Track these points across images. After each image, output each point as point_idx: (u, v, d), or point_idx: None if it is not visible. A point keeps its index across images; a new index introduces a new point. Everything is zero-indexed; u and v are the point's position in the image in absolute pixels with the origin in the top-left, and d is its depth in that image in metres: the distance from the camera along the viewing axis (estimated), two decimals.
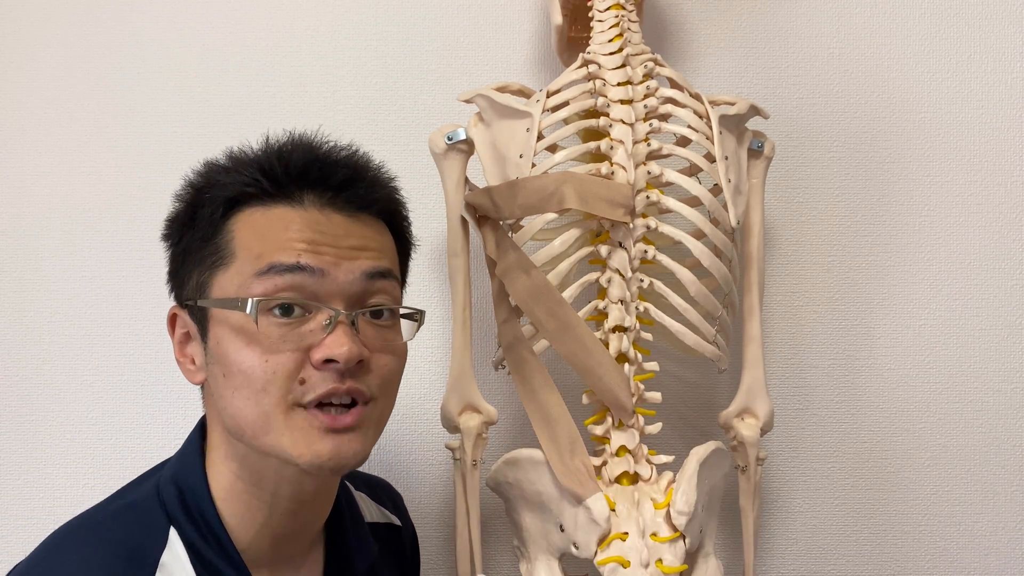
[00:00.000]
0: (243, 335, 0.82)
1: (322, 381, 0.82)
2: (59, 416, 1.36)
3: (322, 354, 0.82)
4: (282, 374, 0.82)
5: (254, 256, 0.84)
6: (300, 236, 0.84)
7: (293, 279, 0.83)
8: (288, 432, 0.82)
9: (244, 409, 0.83)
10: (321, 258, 0.84)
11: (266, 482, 0.87)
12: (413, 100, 1.38)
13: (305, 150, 0.89)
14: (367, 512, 1.08)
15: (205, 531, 0.85)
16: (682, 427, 1.36)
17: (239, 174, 0.87)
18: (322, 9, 1.39)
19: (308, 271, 0.83)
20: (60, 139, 1.37)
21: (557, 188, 1.06)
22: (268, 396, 0.82)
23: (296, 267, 0.83)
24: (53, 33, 1.38)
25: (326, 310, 0.83)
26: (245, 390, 0.82)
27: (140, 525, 0.84)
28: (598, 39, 1.16)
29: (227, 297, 0.84)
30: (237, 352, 0.83)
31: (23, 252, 1.37)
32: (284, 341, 0.82)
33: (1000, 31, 1.40)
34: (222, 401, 0.85)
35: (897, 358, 1.38)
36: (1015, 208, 1.39)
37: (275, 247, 0.83)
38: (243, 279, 0.83)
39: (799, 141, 1.39)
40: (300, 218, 0.85)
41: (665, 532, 1.02)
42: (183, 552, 0.83)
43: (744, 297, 1.22)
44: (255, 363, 0.82)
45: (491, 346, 1.30)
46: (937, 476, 1.38)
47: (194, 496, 0.86)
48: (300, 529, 0.92)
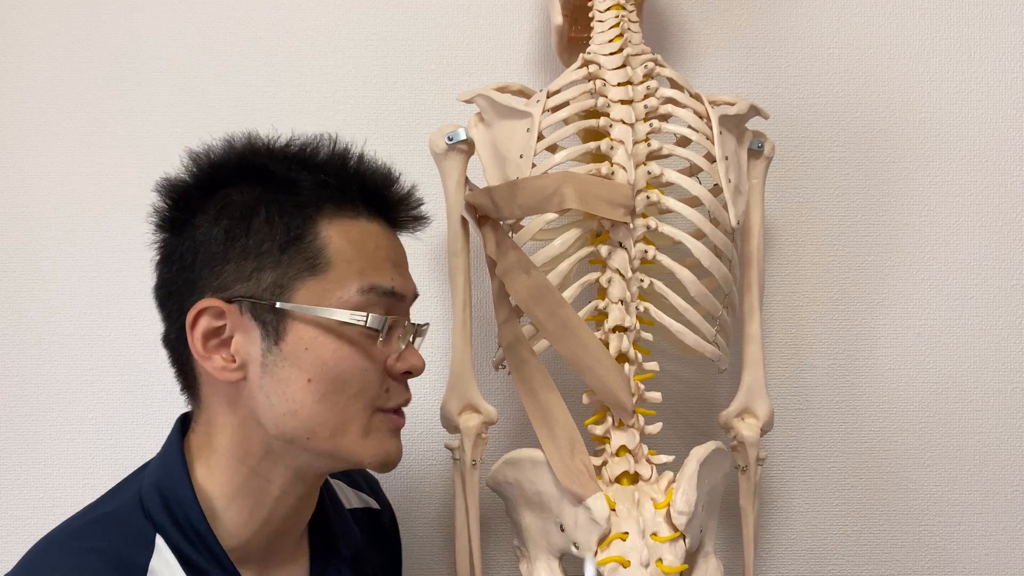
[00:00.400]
0: (344, 343, 0.87)
1: (402, 391, 0.92)
2: (59, 416, 1.36)
3: (405, 366, 0.91)
4: (376, 382, 0.89)
5: (355, 271, 0.88)
6: (388, 257, 0.91)
7: (387, 301, 0.90)
8: (364, 434, 0.89)
9: (325, 413, 0.86)
10: (404, 283, 0.92)
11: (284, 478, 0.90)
12: (413, 100, 1.38)
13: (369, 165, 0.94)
14: (346, 499, 1.09)
15: (192, 536, 0.85)
16: (682, 427, 1.36)
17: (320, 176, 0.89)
18: (322, 9, 1.39)
19: (397, 296, 0.91)
20: (60, 139, 1.38)
21: (557, 188, 1.06)
22: (359, 401, 0.88)
23: (392, 292, 0.90)
24: (53, 33, 1.38)
25: (409, 327, 0.92)
26: (335, 396, 0.86)
27: (125, 533, 0.85)
28: (598, 39, 1.16)
29: (332, 306, 0.86)
30: (338, 360, 0.86)
31: (23, 252, 1.37)
32: (374, 350, 0.89)
33: (1000, 31, 1.40)
34: (289, 404, 0.86)
35: (897, 358, 1.38)
36: (1015, 208, 1.39)
37: (372, 266, 0.89)
38: (345, 293, 0.87)
39: (799, 141, 1.39)
40: (382, 236, 0.92)
41: (665, 532, 1.02)
42: (172, 557, 0.84)
43: (744, 297, 1.22)
44: (354, 372, 0.87)
45: (491, 346, 1.30)
46: (937, 476, 1.38)
47: (179, 503, 0.86)
48: (294, 525, 0.95)
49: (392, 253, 0.93)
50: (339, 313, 0.86)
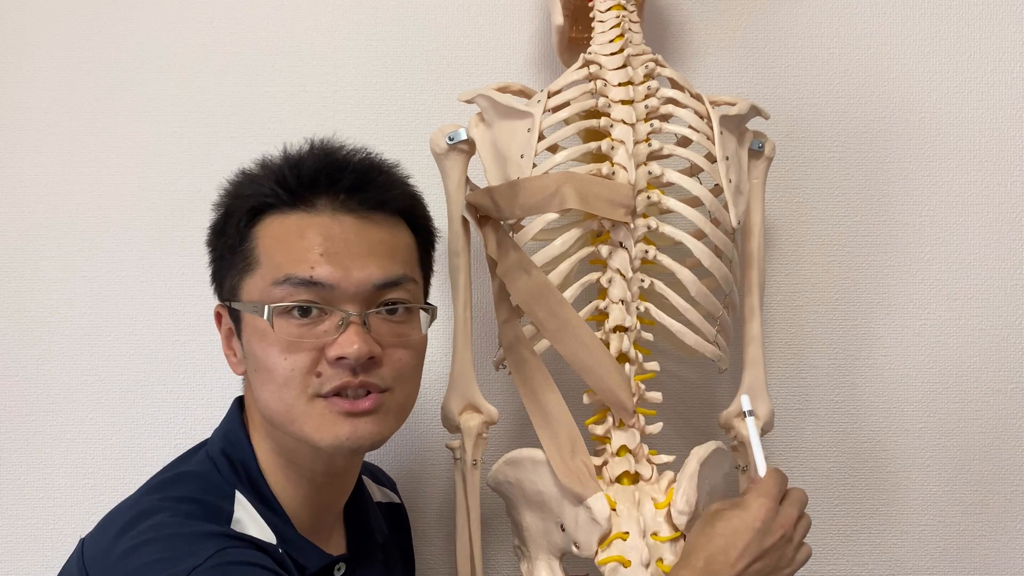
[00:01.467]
0: (266, 336, 0.90)
1: (336, 375, 0.90)
2: (59, 416, 1.36)
3: (334, 352, 0.89)
4: (300, 370, 0.90)
5: (274, 265, 0.91)
6: (313, 246, 0.91)
7: (308, 289, 0.90)
8: (310, 420, 0.90)
9: (271, 402, 0.92)
10: (332, 271, 0.90)
11: (302, 459, 0.95)
12: (413, 100, 1.38)
13: (318, 157, 0.96)
14: (373, 494, 1.15)
15: (259, 498, 0.93)
16: (682, 427, 1.36)
17: (259, 184, 0.95)
18: (322, 9, 1.39)
19: (318, 285, 0.90)
20: (60, 139, 1.37)
21: (558, 188, 1.06)
22: (289, 390, 0.90)
23: (309, 281, 0.90)
24: (53, 33, 1.38)
25: (338, 312, 0.90)
26: (270, 385, 0.91)
27: (207, 488, 0.92)
28: (599, 39, 1.16)
29: (251, 301, 0.92)
30: (262, 351, 0.91)
31: (23, 252, 1.37)
32: (301, 341, 0.90)
33: (1000, 31, 1.40)
34: (255, 392, 0.94)
35: (897, 358, 1.38)
36: (1015, 208, 1.39)
37: (291, 258, 0.91)
38: (265, 285, 0.91)
39: (799, 141, 1.39)
40: (314, 226, 0.92)
41: (666, 532, 1.02)
42: (252, 508, 0.92)
43: (744, 297, 1.22)
44: (276, 361, 0.90)
45: (491, 346, 1.30)
46: (937, 476, 1.38)
47: (246, 468, 0.95)
48: (332, 501, 1.01)
49: (327, 242, 0.91)
50: (245, 306, 0.92)
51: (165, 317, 1.36)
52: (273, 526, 0.92)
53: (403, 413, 0.97)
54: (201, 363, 1.35)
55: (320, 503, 0.99)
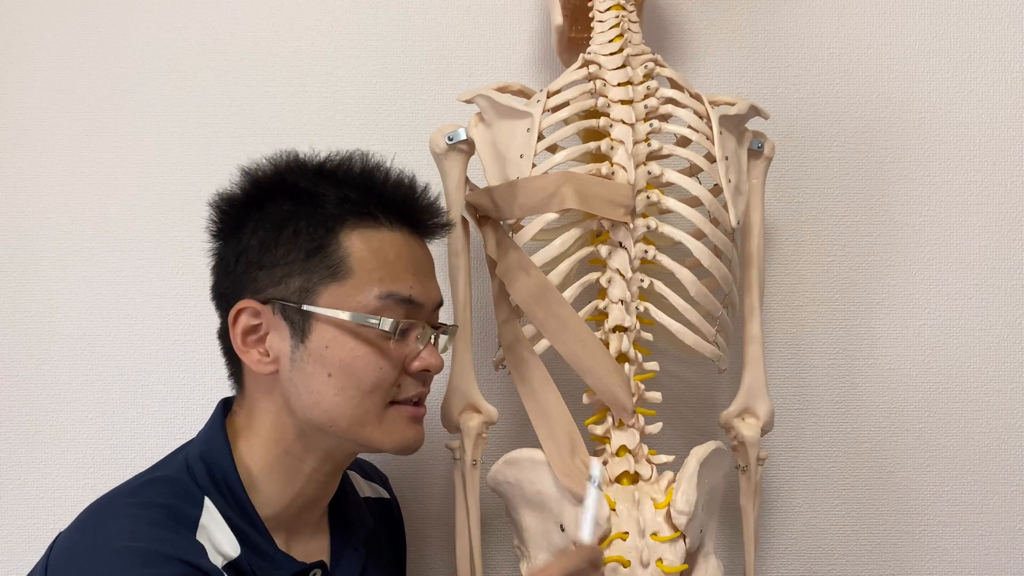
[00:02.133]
0: (359, 341, 0.95)
1: (414, 385, 0.99)
2: (59, 416, 1.36)
3: (420, 365, 0.98)
4: (388, 380, 0.96)
5: (375, 279, 0.96)
6: (408, 266, 0.98)
7: (404, 307, 0.97)
8: (381, 425, 0.97)
9: (343, 406, 0.95)
10: (423, 291, 0.99)
11: (315, 458, 0.98)
12: (413, 100, 1.38)
13: (397, 178, 1.02)
14: (360, 489, 1.16)
15: (232, 501, 0.94)
16: (682, 427, 1.36)
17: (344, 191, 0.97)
18: (322, 9, 1.39)
19: (415, 304, 0.97)
20: (60, 139, 1.38)
21: (557, 188, 1.06)
22: (373, 397, 0.96)
23: (409, 300, 0.97)
24: (53, 33, 1.38)
25: (421, 328, 0.98)
26: (352, 390, 0.95)
27: (177, 493, 0.94)
28: (598, 39, 1.16)
29: (343, 309, 0.94)
30: (354, 359, 0.95)
31: (23, 252, 1.37)
32: (390, 350, 0.96)
33: (1000, 31, 1.40)
34: (314, 396, 0.95)
35: (897, 358, 1.38)
36: (1015, 208, 1.39)
37: (391, 275, 0.96)
38: (363, 297, 0.95)
39: (799, 141, 1.39)
40: (403, 245, 0.99)
41: (665, 532, 1.02)
42: (219, 516, 0.93)
43: (744, 297, 1.22)
44: (368, 370, 0.95)
45: (491, 346, 1.30)
46: (937, 476, 1.38)
47: (222, 472, 0.95)
48: (319, 501, 1.03)
49: (413, 262, 0.99)
50: (356, 316, 0.94)
51: (165, 317, 1.36)
52: (242, 534, 0.93)
53: None
54: (201, 363, 1.35)
55: (310, 500, 1.01)
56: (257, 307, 0.96)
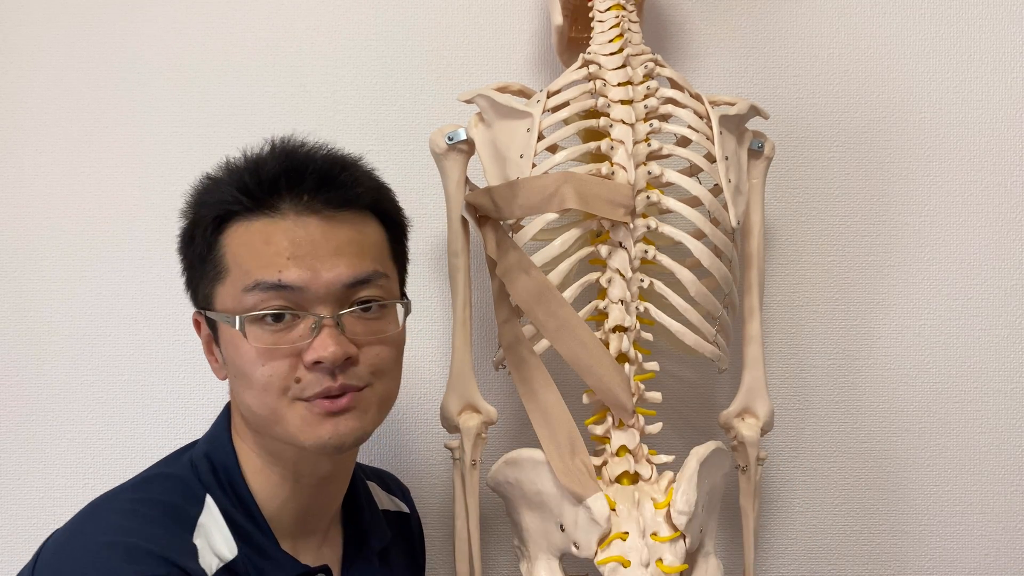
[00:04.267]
0: (243, 344, 0.90)
1: (316, 381, 0.89)
2: (59, 416, 1.36)
3: (311, 357, 0.89)
4: (278, 376, 0.89)
5: (243, 272, 0.90)
6: (281, 251, 0.89)
7: (275, 295, 0.89)
8: (292, 422, 0.90)
9: (253, 406, 0.92)
10: (300, 273, 0.89)
11: (286, 462, 0.95)
12: (413, 100, 1.38)
13: (279, 158, 0.94)
14: (379, 500, 1.14)
15: (236, 502, 0.94)
16: (682, 427, 1.36)
17: (222, 191, 0.93)
18: (322, 9, 1.39)
19: (287, 288, 0.89)
20: (60, 139, 1.37)
21: (557, 188, 1.06)
22: (269, 395, 0.90)
23: (278, 285, 0.89)
24: (53, 33, 1.38)
25: (310, 316, 0.89)
26: (251, 390, 0.91)
27: (179, 490, 0.93)
28: (598, 39, 1.16)
29: (224, 310, 0.92)
30: (239, 357, 0.91)
31: (23, 252, 1.37)
32: (277, 347, 0.89)
33: (1000, 31, 1.40)
34: (238, 397, 0.94)
35: (897, 358, 1.38)
36: (1015, 208, 1.39)
37: (259, 264, 0.89)
38: (236, 293, 0.91)
39: (799, 141, 1.39)
40: (279, 230, 0.90)
41: (665, 532, 1.02)
42: (219, 516, 0.92)
43: (744, 297, 1.22)
44: (254, 368, 0.90)
45: (491, 346, 1.30)
46: (937, 476, 1.38)
47: (226, 470, 0.95)
48: (322, 505, 1.00)
49: (291, 245, 0.89)
50: (219, 316, 0.92)
51: (165, 317, 1.36)
52: (243, 534, 0.92)
53: (385, 406, 0.96)
54: (201, 363, 1.34)
55: (307, 506, 0.98)
56: (198, 317, 0.97)
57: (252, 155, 0.95)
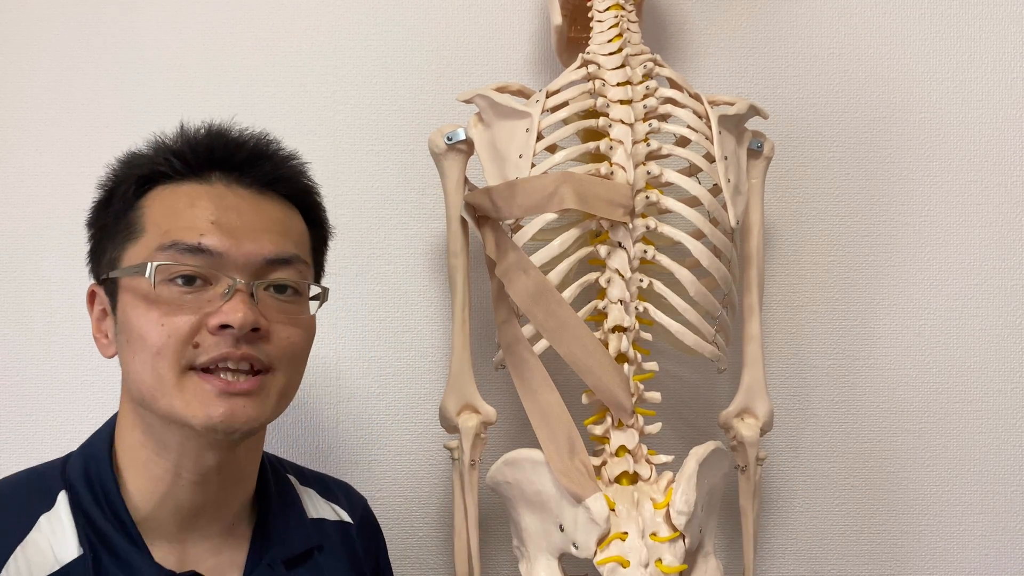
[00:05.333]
0: (144, 300, 0.86)
1: (216, 345, 0.85)
2: (59, 416, 1.36)
3: (217, 320, 0.85)
4: (176, 337, 0.84)
5: (161, 231, 0.87)
6: (204, 214, 0.87)
7: (195, 256, 0.86)
8: (181, 394, 0.85)
9: (142, 373, 0.86)
10: (222, 239, 0.86)
11: (168, 451, 0.89)
12: (413, 100, 1.38)
13: (214, 135, 0.94)
14: (312, 508, 1.05)
15: (101, 498, 0.88)
16: (682, 427, 1.36)
17: (149, 157, 0.92)
18: (322, 9, 1.39)
19: (206, 252, 0.86)
20: (60, 139, 1.37)
21: (556, 188, 1.06)
22: (163, 359, 0.84)
23: (197, 248, 0.86)
24: (53, 33, 1.38)
25: (225, 279, 0.86)
26: (143, 354, 0.85)
27: (32, 488, 0.90)
28: (598, 39, 1.16)
29: (131, 265, 0.87)
30: (138, 317, 0.86)
31: (23, 252, 1.37)
32: (182, 306, 0.85)
33: (1000, 31, 1.39)
34: (126, 368, 0.88)
35: (897, 358, 1.38)
36: (1015, 208, 1.39)
37: (180, 224, 0.87)
38: (148, 251, 0.87)
39: (799, 141, 1.39)
40: (206, 194, 0.89)
41: (665, 532, 1.02)
42: (66, 514, 0.87)
43: (744, 297, 1.22)
44: (152, 326, 0.85)
45: (491, 346, 1.30)
46: (937, 476, 1.38)
47: (96, 464, 0.90)
48: (210, 504, 0.92)
49: (219, 211, 0.88)
50: (126, 271, 0.87)
51: None
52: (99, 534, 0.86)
53: (285, 399, 0.91)
54: None
55: (190, 505, 0.91)
56: (94, 288, 0.93)
57: (188, 129, 0.94)
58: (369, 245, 1.37)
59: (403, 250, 1.37)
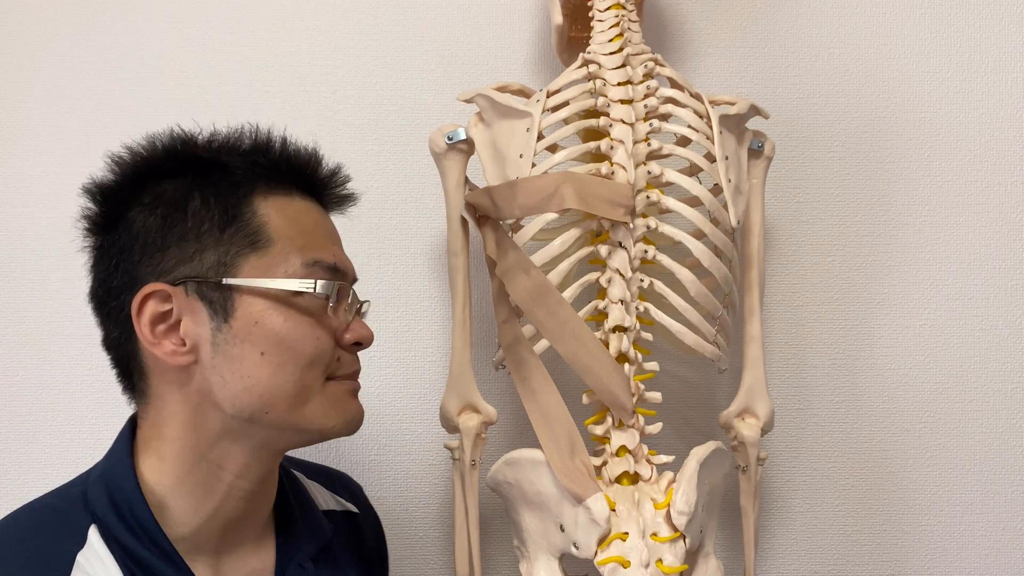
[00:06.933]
0: (293, 314, 0.88)
1: (351, 361, 0.94)
2: (59, 416, 1.36)
3: (353, 337, 0.92)
4: (327, 350, 0.90)
5: (297, 246, 0.89)
6: (326, 235, 0.94)
7: (332, 275, 0.91)
8: (323, 401, 0.90)
9: (283, 384, 0.87)
10: (344, 261, 0.94)
11: (238, 462, 0.89)
12: (413, 100, 1.38)
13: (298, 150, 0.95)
14: (322, 500, 1.07)
15: (134, 525, 0.86)
16: (682, 427, 1.36)
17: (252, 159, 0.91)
18: (322, 9, 1.39)
19: (339, 271, 0.92)
20: (60, 139, 1.37)
21: (557, 188, 1.06)
22: (314, 371, 0.89)
23: (334, 268, 0.91)
24: (53, 33, 1.38)
25: (355, 299, 0.93)
26: (290, 366, 0.87)
27: (57, 526, 0.86)
28: (598, 39, 1.16)
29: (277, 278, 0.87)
30: (289, 331, 0.87)
31: (23, 252, 1.37)
32: (325, 319, 0.90)
33: (1000, 31, 1.40)
34: (245, 380, 0.86)
35: (897, 358, 1.38)
36: (1015, 208, 1.39)
37: (313, 242, 0.91)
38: (289, 267, 0.88)
39: (799, 141, 1.39)
40: (318, 214, 0.95)
41: (665, 532, 1.02)
42: (103, 549, 0.84)
43: (744, 297, 1.22)
44: (307, 341, 0.88)
45: (491, 346, 1.30)
46: (937, 476, 1.38)
47: (123, 493, 0.87)
48: (252, 512, 0.94)
49: (329, 232, 0.95)
50: (289, 283, 0.87)
51: None
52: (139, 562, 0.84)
53: None
54: None
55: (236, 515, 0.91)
56: (167, 290, 0.85)
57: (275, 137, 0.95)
58: (369, 245, 1.37)
59: (403, 250, 1.37)
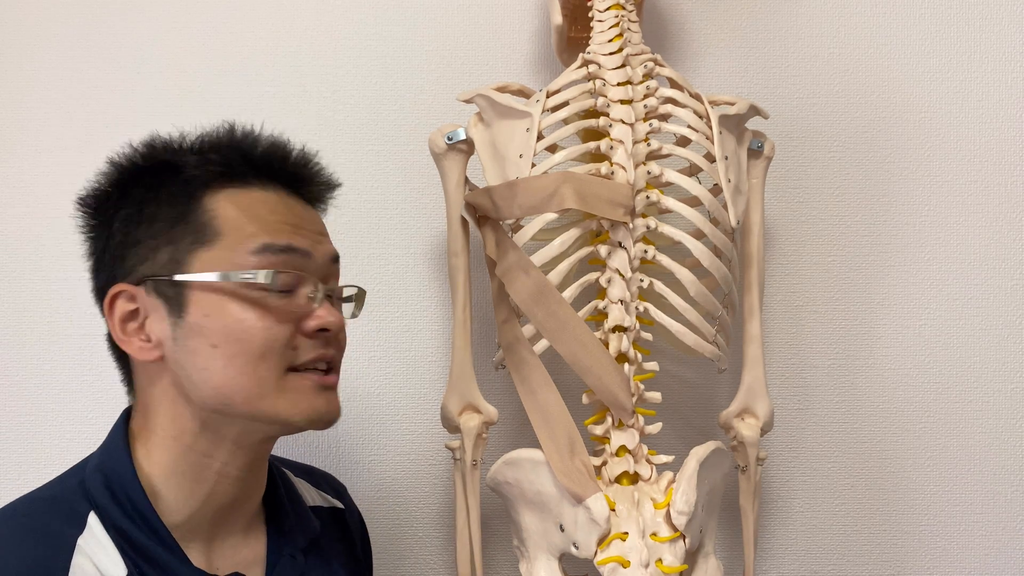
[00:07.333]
0: (242, 305, 0.87)
1: (312, 347, 0.90)
2: (59, 416, 1.36)
3: (316, 324, 0.90)
4: (280, 341, 0.88)
5: (245, 235, 0.89)
6: (285, 219, 0.91)
7: (284, 259, 0.89)
8: (283, 394, 0.88)
9: (236, 378, 0.87)
10: (305, 240, 0.91)
11: (224, 451, 0.90)
12: (413, 100, 1.38)
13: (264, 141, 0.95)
14: (308, 496, 1.09)
15: (132, 513, 0.88)
16: (682, 427, 1.36)
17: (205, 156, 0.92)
18: (322, 9, 1.39)
19: (298, 252, 0.90)
20: (60, 139, 1.37)
21: (557, 188, 1.06)
22: (266, 362, 0.87)
23: (288, 248, 0.89)
24: (53, 33, 1.38)
25: (313, 284, 0.90)
26: (241, 358, 0.87)
27: (58, 512, 0.87)
28: (598, 39, 1.16)
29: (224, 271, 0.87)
30: (237, 322, 0.87)
31: (23, 252, 1.37)
32: (279, 309, 0.88)
33: (1000, 31, 1.40)
34: (202, 373, 0.87)
35: (897, 358, 1.38)
36: (1015, 208, 1.39)
37: (265, 228, 0.89)
38: (236, 256, 0.88)
39: (799, 141, 1.39)
40: (279, 203, 0.92)
41: (665, 532, 1.02)
42: (103, 534, 0.86)
43: (744, 297, 1.22)
44: (256, 331, 0.87)
45: (491, 346, 1.30)
46: (937, 476, 1.38)
47: (120, 480, 0.89)
48: (242, 499, 0.95)
49: (292, 217, 0.92)
50: (235, 274, 0.87)
51: None
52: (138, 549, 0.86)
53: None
54: None
55: (226, 503, 0.93)
56: (131, 290, 0.89)
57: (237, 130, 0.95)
58: (369, 245, 1.37)
59: (403, 250, 1.37)
